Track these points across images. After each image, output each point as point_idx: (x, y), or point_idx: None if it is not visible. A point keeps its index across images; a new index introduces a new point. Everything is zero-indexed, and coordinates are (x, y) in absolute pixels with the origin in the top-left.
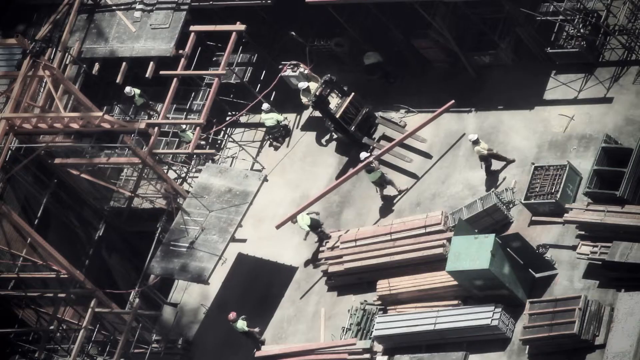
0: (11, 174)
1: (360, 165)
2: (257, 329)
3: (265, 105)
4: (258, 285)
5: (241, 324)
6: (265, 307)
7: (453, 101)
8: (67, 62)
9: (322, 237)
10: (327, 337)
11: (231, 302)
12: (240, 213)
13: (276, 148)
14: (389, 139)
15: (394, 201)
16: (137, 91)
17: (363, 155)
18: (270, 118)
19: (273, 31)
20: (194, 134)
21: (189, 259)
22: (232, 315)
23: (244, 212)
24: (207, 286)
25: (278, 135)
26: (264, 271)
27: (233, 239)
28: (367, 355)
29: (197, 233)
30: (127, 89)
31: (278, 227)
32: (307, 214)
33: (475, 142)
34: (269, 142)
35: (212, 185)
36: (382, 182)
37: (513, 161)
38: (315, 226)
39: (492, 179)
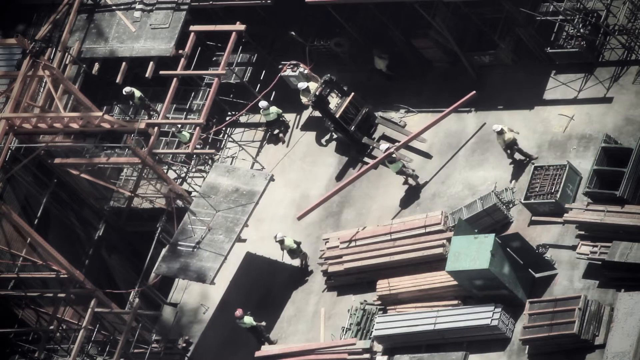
0: (11, 173)
1: (382, 156)
2: (263, 323)
3: (262, 103)
4: (259, 286)
5: (249, 320)
6: (266, 307)
7: (474, 92)
8: (66, 62)
9: (304, 257)
10: (327, 337)
11: (231, 302)
12: (247, 213)
13: (282, 141)
14: (389, 139)
15: (419, 192)
16: (138, 94)
17: (384, 146)
18: (271, 113)
19: (273, 31)
20: (190, 134)
21: (195, 258)
22: (238, 312)
23: (250, 211)
24: (207, 286)
25: (279, 131)
26: (264, 271)
27: (238, 239)
28: (367, 355)
29: (203, 233)
30: (127, 88)
31: (300, 218)
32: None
33: (499, 133)
34: (274, 135)
35: (219, 185)
36: (404, 172)
37: (536, 158)
38: (299, 245)
39: (519, 164)
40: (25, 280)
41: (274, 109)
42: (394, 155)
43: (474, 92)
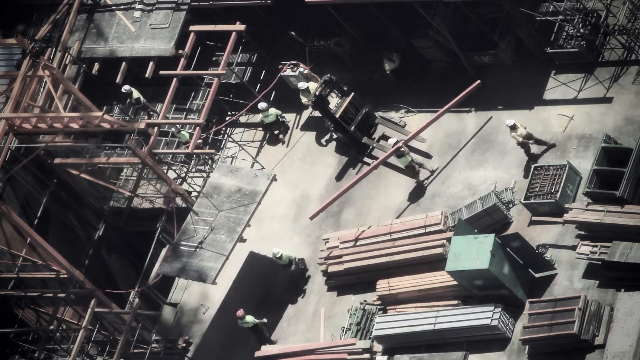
0: (11, 173)
1: (390, 151)
2: (264, 320)
3: (262, 105)
4: (259, 286)
5: (251, 318)
6: (267, 307)
7: (479, 81)
8: (66, 62)
9: (299, 269)
10: (326, 337)
11: (232, 302)
12: (249, 213)
13: (282, 142)
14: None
15: (425, 184)
16: (135, 95)
17: (391, 141)
18: (270, 115)
19: (273, 31)
20: (190, 134)
21: (197, 258)
22: (240, 312)
23: (252, 211)
24: (207, 286)
25: (279, 132)
26: (264, 271)
27: (240, 239)
28: (367, 355)
29: (206, 233)
30: (126, 86)
31: (312, 217)
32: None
33: (513, 128)
34: (274, 136)
35: (223, 185)
36: (413, 166)
37: (554, 145)
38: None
39: (520, 163)
40: (25, 280)
41: (272, 111)
42: (402, 149)
43: (479, 81)
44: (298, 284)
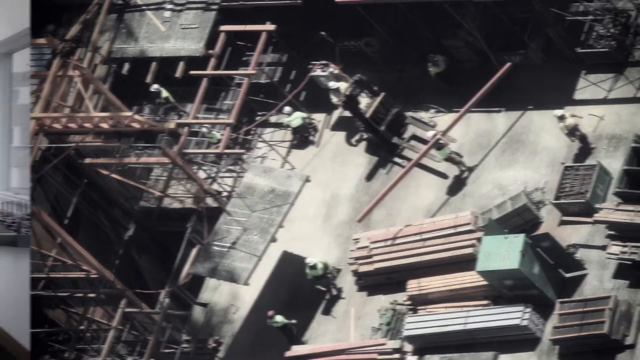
0: (41, 173)
1: (430, 144)
2: (294, 321)
3: (286, 109)
4: (290, 286)
5: (280, 318)
6: (297, 307)
7: (510, 63)
8: (96, 62)
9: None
10: (357, 337)
11: (262, 302)
12: (282, 213)
13: (312, 142)
14: (420, 139)
15: (467, 171)
16: (164, 95)
17: (430, 133)
18: (295, 118)
19: (303, 31)
20: (220, 133)
21: (230, 259)
22: (271, 312)
23: (286, 212)
24: (237, 286)
25: (307, 135)
26: (295, 271)
27: (273, 240)
28: (397, 355)
29: (239, 233)
30: (155, 85)
31: (360, 220)
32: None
33: (561, 118)
34: (304, 137)
35: (256, 185)
36: (453, 157)
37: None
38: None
39: (585, 148)
40: (55, 280)
41: (297, 114)
42: (441, 142)
43: (510, 63)
44: (330, 288)
